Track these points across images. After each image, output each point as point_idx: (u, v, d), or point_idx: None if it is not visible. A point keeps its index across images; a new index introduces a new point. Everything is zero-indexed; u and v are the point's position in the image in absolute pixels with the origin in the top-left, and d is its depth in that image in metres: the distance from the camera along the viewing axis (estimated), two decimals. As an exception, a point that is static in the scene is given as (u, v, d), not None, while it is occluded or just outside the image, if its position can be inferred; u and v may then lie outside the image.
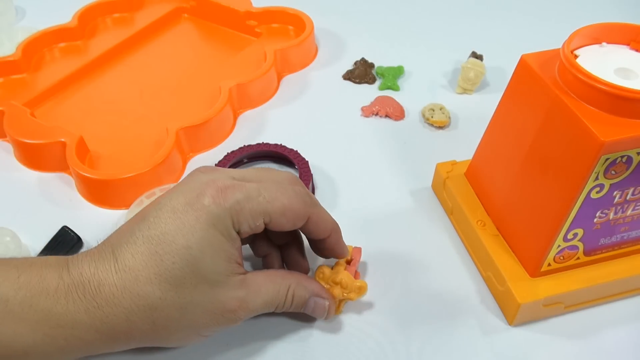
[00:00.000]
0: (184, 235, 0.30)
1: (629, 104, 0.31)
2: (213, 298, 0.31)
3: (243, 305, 0.32)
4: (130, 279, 0.30)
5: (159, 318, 0.30)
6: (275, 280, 0.34)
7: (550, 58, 0.35)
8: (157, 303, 0.30)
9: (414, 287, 0.40)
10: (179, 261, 0.30)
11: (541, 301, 0.37)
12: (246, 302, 0.32)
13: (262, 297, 0.33)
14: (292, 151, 0.49)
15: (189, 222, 0.30)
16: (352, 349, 0.37)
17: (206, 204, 0.31)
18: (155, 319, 0.30)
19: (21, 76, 0.58)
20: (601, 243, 0.37)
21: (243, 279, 0.32)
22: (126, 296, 0.30)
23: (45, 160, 0.49)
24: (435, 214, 0.46)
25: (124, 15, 0.67)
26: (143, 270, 0.30)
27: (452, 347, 0.37)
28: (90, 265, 0.30)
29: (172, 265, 0.30)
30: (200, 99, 0.55)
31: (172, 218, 0.31)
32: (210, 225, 0.30)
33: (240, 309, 0.32)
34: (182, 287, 0.30)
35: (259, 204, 0.32)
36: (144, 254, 0.30)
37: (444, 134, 0.53)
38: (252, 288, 0.33)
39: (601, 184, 0.33)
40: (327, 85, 0.59)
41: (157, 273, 0.30)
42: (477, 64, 0.57)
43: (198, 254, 0.30)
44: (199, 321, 0.31)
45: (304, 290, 0.35)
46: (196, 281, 0.30)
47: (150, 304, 0.30)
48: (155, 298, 0.30)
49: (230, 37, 0.66)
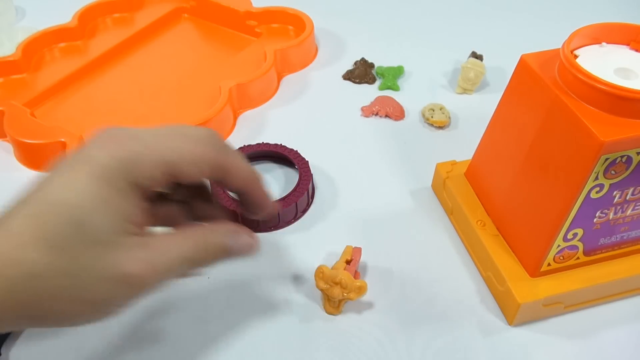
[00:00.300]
0: (68, 190, 0.26)
1: (629, 104, 0.31)
2: (108, 261, 0.27)
3: (148, 267, 0.28)
4: (12, 245, 0.26)
5: (46, 288, 0.26)
6: (184, 235, 0.30)
7: (550, 58, 0.35)
8: (41, 269, 0.26)
9: (414, 287, 0.40)
10: (63, 221, 0.26)
11: (541, 301, 0.37)
12: (152, 263, 0.28)
13: (171, 255, 0.29)
14: (292, 151, 0.49)
15: (74, 176, 0.27)
16: (352, 348, 0.37)
17: (93, 154, 0.27)
18: (42, 289, 0.26)
19: (21, 76, 0.58)
20: (601, 243, 0.37)
21: (144, 240, 0.28)
22: (8, 264, 0.26)
23: (45, 160, 0.49)
24: (435, 214, 0.46)
25: (124, 15, 0.67)
26: (26, 234, 0.26)
27: (452, 347, 0.37)
28: None
29: (55, 227, 0.26)
30: (200, 99, 0.55)
31: (57, 174, 0.27)
32: (98, 178, 0.27)
33: (146, 272, 0.28)
34: (68, 250, 0.26)
35: (159, 152, 0.28)
36: (28, 217, 0.26)
37: (444, 134, 0.53)
38: (158, 248, 0.28)
39: (601, 184, 0.33)
40: (327, 85, 0.59)
41: (40, 236, 0.26)
42: (477, 64, 0.57)
43: (82, 210, 0.26)
44: (94, 290, 0.27)
45: (220, 235, 0.31)
46: (85, 243, 0.27)
47: (35, 272, 0.26)
48: (41, 264, 0.26)
49: (230, 37, 0.66)
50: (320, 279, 0.37)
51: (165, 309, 0.39)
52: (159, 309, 0.39)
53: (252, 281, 0.41)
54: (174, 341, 0.37)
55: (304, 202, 0.46)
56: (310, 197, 0.47)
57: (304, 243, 0.43)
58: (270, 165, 0.50)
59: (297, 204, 0.44)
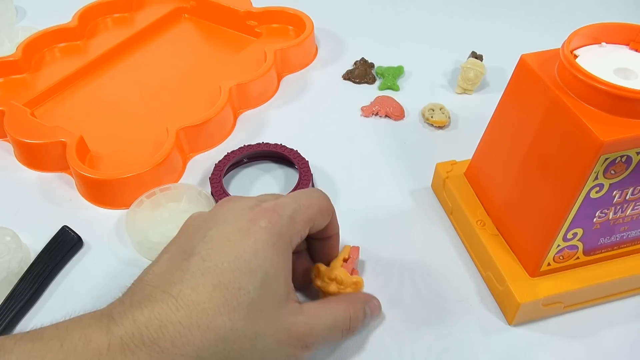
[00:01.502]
0: (247, 260, 0.29)
1: (629, 104, 0.31)
2: (279, 324, 0.29)
3: (309, 330, 0.30)
4: (197, 314, 0.27)
5: (231, 351, 0.28)
6: (330, 306, 0.33)
7: (549, 58, 0.35)
8: (228, 335, 0.28)
9: (414, 287, 0.40)
10: (246, 286, 0.28)
11: (541, 301, 0.37)
12: (311, 326, 0.31)
13: (323, 323, 0.32)
14: (292, 151, 0.49)
15: (249, 246, 0.29)
16: (353, 347, 0.37)
17: (263, 225, 0.30)
18: (228, 353, 0.28)
19: (21, 76, 0.58)
20: (601, 243, 0.37)
21: (300, 305, 0.31)
22: (194, 332, 0.27)
23: (45, 160, 0.49)
24: (435, 214, 0.46)
25: (124, 15, 0.67)
26: (209, 302, 0.27)
27: (452, 347, 0.37)
28: (142, 310, 0.27)
29: (239, 292, 0.28)
30: (200, 99, 0.55)
31: (228, 246, 0.29)
32: (271, 245, 0.29)
33: (308, 335, 0.30)
34: (251, 314, 0.28)
35: (304, 213, 0.32)
36: (207, 286, 0.28)
37: (443, 134, 0.53)
38: (312, 314, 0.31)
39: (601, 184, 0.33)
40: (327, 85, 0.59)
41: (224, 303, 0.28)
42: (477, 64, 0.57)
43: (264, 276, 0.29)
44: (269, 351, 0.29)
45: (359, 304, 0.35)
46: (263, 306, 0.29)
47: (222, 337, 0.28)
48: (227, 329, 0.28)
49: (230, 37, 0.66)
50: (317, 276, 0.37)
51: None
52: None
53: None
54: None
55: (304, 202, 0.46)
56: (310, 197, 0.47)
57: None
58: (270, 165, 0.50)
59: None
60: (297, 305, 0.31)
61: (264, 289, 0.29)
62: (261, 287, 0.29)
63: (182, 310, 0.27)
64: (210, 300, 0.28)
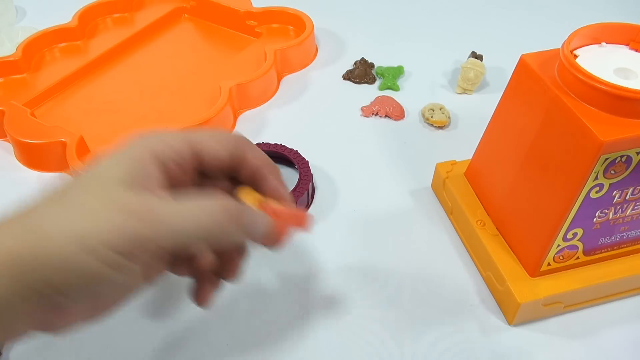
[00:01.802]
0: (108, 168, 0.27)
1: (629, 104, 0.31)
2: (113, 195, 0.26)
3: (153, 209, 0.26)
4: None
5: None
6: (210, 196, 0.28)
7: (549, 58, 0.35)
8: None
9: (414, 286, 0.40)
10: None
11: (541, 301, 0.37)
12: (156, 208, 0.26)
13: (186, 212, 0.27)
14: (292, 151, 0.49)
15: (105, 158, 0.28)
16: (353, 347, 0.37)
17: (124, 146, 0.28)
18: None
19: (21, 76, 0.58)
20: (601, 243, 0.37)
21: (159, 195, 0.27)
22: None
23: (45, 160, 0.49)
24: (435, 214, 0.46)
25: (124, 15, 0.67)
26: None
27: (452, 347, 0.37)
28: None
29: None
30: (200, 99, 0.55)
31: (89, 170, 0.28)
32: (126, 151, 0.28)
33: (150, 213, 0.26)
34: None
35: (182, 136, 0.29)
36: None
37: (443, 134, 0.53)
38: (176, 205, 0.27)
39: (601, 184, 0.33)
40: (327, 85, 0.59)
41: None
42: (477, 64, 0.57)
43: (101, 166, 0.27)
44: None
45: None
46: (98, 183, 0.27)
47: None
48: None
49: (230, 37, 0.66)
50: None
51: (164, 309, 0.39)
52: (156, 310, 0.39)
53: (251, 280, 0.41)
54: (174, 337, 0.37)
55: (304, 202, 0.46)
56: (310, 197, 0.47)
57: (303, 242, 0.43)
58: (270, 165, 0.50)
59: (297, 203, 0.44)
60: (148, 194, 0.27)
61: (102, 175, 0.27)
62: (96, 172, 0.27)
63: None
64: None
